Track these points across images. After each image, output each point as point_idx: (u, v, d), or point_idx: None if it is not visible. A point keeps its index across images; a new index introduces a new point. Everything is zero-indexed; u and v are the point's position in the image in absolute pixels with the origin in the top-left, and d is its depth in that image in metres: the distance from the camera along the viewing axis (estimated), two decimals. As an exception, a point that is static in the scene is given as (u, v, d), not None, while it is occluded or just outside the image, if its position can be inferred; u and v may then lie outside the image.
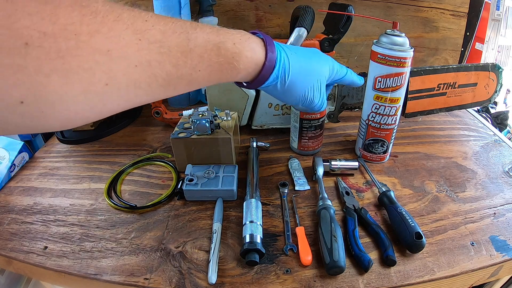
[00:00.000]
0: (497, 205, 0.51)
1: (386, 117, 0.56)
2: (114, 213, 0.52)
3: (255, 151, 0.62)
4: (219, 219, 0.48)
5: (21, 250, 0.46)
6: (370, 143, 0.60)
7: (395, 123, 0.57)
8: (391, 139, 0.59)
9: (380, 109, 0.56)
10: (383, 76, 0.53)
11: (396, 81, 0.53)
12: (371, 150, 0.60)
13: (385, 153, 0.61)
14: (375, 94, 0.55)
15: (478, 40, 1.38)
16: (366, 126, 0.59)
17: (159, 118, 0.74)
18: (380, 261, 0.42)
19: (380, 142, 0.59)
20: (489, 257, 0.43)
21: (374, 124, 0.58)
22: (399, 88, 0.53)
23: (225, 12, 0.85)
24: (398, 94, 0.54)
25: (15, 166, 0.63)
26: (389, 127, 0.57)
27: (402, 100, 0.55)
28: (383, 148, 0.60)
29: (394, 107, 0.55)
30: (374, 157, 0.61)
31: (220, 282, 0.40)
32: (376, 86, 0.54)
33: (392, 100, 0.54)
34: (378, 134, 0.58)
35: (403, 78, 0.52)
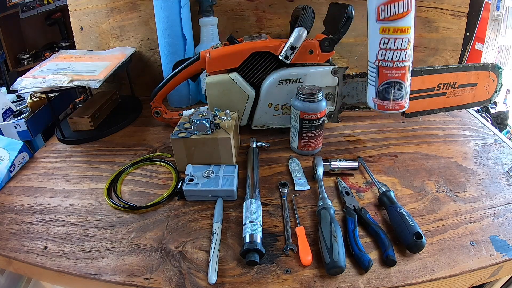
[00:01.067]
0: (497, 205, 0.51)
1: (398, 52, 0.50)
2: (114, 213, 0.52)
3: (255, 151, 0.62)
4: (219, 219, 0.48)
5: (21, 250, 0.46)
6: (384, 89, 0.52)
7: (409, 59, 0.51)
8: (407, 80, 0.52)
9: (389, 43, 0.49)
10: (386, 2, 0.47)
11: (402, 6, 0.46)
12: (387, 96, 0.53)
13: (403, 99, 0.53)
14: (381, 26, 0.49)
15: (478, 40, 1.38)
16: (377, 68, 0.52)
17: (159, 118, 0.74)
18: (380, 261, 0.42)
19: (397, 84, 0.52)
20: (489, 257, 0.42)
21: (385, 63, 0.51)
22: (407, 14, 0.47)
23: (225, 12, 0.85)
24: (407, 22, 0.48)
25: (15, 166, 0.63)
26: (403, 65, 0.51)
27: (412, 30, 0.49)
28: (401, 92, 0.52)
29: (406, 39, 0.49)
30: (392, 105, 0.53)
31: (220, 282, 0.40)
32: (380, 17, 0.48)
33: (401, 30, 0.48)
34: (393, 75, 0.51)
35: (409, 2, 0.47)
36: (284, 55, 0.62)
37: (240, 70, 0.66)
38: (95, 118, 0.76)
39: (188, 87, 0.84)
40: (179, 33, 0.78)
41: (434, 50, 0.90)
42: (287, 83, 0.65)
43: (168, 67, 0.81)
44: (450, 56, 0.90)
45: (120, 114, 0.83)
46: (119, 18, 0.87)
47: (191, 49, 0.81)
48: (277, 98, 0.67)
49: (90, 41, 0.91)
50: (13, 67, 1.77)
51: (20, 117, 0.77)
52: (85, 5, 0.87)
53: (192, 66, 0.67)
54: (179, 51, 0.80)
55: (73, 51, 0.86)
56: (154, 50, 0.89)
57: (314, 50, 0.63)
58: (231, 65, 0.65)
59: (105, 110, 0.82)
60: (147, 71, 0.92)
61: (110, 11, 0.86)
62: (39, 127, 0.80)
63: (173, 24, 0.77)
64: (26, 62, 1.79)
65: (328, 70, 0.65)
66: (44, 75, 0.68)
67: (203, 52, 0.66)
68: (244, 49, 0.64)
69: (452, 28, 0.87)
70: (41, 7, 1.70)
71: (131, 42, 0.89)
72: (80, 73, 0.70)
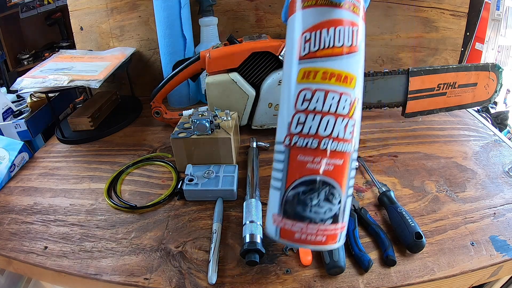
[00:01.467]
0: (497, 205, 0.51)
1: (332, 119, 0.27)
2: (114, 213, 0.52)
3: (255, 151, 0.62)
4: (219, 219, 0.48)
5: (21, 250, 0.46)
6: (297, 195, 0.27)
7: (352, 139, 0.28)
8: (347, 182, 0.28)
9: (314, 100, 0.27)
10: (315, 27, 0.27)
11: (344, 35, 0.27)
12: (303, 212, 0.27)
13: (336, 222, 0.28)
14: (301, 69, 0.27)
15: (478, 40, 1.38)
16: (287, 153, 0.28)
17: (159, 118, 0.74)
18: (380, 261, 0.42)
19: (325, 188, 0.27)
20: (489, 257, 0.42)
21: (304, 141, 0.27)
22: (352, 51, 0.27)
23: (225, 12, 0.85)
24: (350, 65, 0.27)
25: (15, 166, 0.63)
26: (341, 147, 0.27)
27: (360, 83, 0.28)
28: (331, 206, 0.27)
29: (347, 96, 0.27)
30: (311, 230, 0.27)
31: (220, 282, 0.40)
32: (301, 52, 0.27)
33: (339, 78, 0.27)
34: (316, 166, 0.27)
35: (357, 32, 0.27)
36: (284, 55, 0.62)
37: (240, 70, 0.66)
38: (95, 118, 0.76)
39: (188, 87, 0.84)
40: (179, 33, 0.78)
41: (434, 50, 0.90)
42: (287, 83, 0.65)
43: (168, 67, 0.81)
44: (450, 56, 0.90)
45: (120, 114, 0.83)
46: (119, 18, 0.87)
47: (191, 49, 0.81)
48: (277, 98, 0.67)
49: (90, 41, 0.91)
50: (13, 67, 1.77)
51: (20, 117, 0.77)
52: (85, 5, 0.87)
53: (192, 66, 0.67)
54: (179, 51, 0.80)
55: (73, 51, 0.86)
56: (154, 50, 0.89)
57: (314, 50, 0.63)
58: (231, 65, 0.65)
59: (105, 110, 0.82)
60: (147, 71, 0.92)
61: (110, 11, 0.86)
62: (39, 127, 0.80)
63: (173, 24, 0.77)
64: (26, 62, 1.79)
65: (328, 70, 0.65)
66: (44, 75, 0.68)
67: (203, 52, 0.66)
68: (244, 49, 0.64)
69: (452, 28, 0.87)
70: (41, 7, 1.69)
71: (131, 42, 0.89)
72: (80, 73, 0.70)
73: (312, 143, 0.27)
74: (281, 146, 0.28)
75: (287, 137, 0.28)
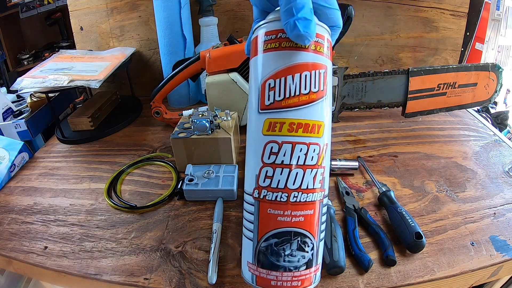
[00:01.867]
0: (497, 205, 0.51)
1: (300, 172, 0.26)
2: (114, 213, 0.52)
3: (255, 151, 0.62)
4: (219, 219, 0.48)
5: (21, 250, 0.46)
6: (270, 246, 0.27)
7: (322, 186, 0.28)
8: (318, 228, 0.28)
9: (281, 153, 0.26)
10: (279, 73, 0.26)
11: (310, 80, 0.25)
12: (276, 261, 0.27)
13: (309, 266, 0.28)
14: (267, 120, 0.26)
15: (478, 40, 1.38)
16: (257, 205, 0.28)
17: (159, 118, 0.74)
18: (380, 261, 0.42)
19: (295, 238, 0.27)
20: (489, 257, 0.42)
21: (272, 195, 0.27)
22: (320, 96, 0.26)
23: (225, 12, 0.85)
24: (317, 113, 0.26)
25: (15, 166, 0.63)
26: (310, 198, 0.27)
27: (328, 128, 0.27)
28: (304, 254, 0.28)
29: (315, 146, 0.26)
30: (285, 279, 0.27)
31: (220, 282, 0.40)
32: (265, 102, 0.26)
33: (306, 129, 0.26)
34: (286, 219, 0.27)
35: (324, 75, 0.26)
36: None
37: (240, 70, 0.66)
38: (95, 118, 0.76)
39: (188, 87, 0.84)
40: (179, 33, 0.78)
41: (434, 50, 0.90)
42: (287, 83, 0.65)
43: (168, 67, 0.81)
44: (450, 56, 0.90)
45: (120, 114, 0.83)
46: (119, 18, 0.87)
47: (191, 49, 0.81)
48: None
49: (90, 41, 0.91)
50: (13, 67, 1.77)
51: (20, 117, 0.77)
52: (85, 5, 0.87)
53: (192, 66, 0.67)
54: (179, 51, 0.80)
55: (73, 51, 0.86)
56: (154, 50, 0.89)
57: (314, 50, 0.63)
58: (231, 65, 0.65)
59: (105, 110, 0.82)
60: (147, 71, 0.93)
61: (110, 11, 0.86)
62: (39, 127, 0.80)
63: (173, 24, 0.77)
64: (26, 62, 1.79)
65: (328, 70, 0.65)
66: (44, 75, 0.68)
67: (203, 52, 0.66)
68: (244, 49, 0.64)
69: (452, 28, 0.87)
70: (41, 7, 1.70)
71: (131, 42, 0.89)
72: (80, 73, 0.70)
73: (281, 197, 0.26)
74: (250, 198, 0.29)
75: (256, 190, 0.28)
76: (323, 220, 0.28)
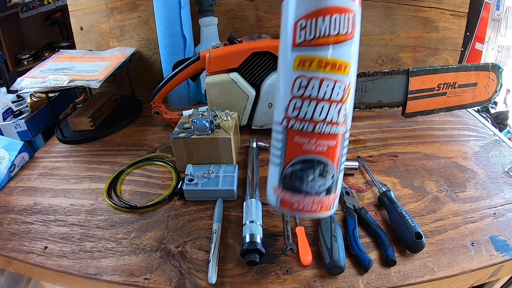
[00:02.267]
0: (497, 205, 0.51)
1: (326, 105, 0.28)
2: (114, 213, 0.52)
3: (255, 151, 0.62)
4: (219, 219, 0.48)
5: (21, 250, 0.46)
6: (295, 171, 0.30)
7: (345, 121, 0.29)
8: (339, 159, 0.30)
9: (310, 87, 0.27)
10: (311, 14, 0.26)
11: (339, 23, 0.26)
12: (300, 186, 0.30)
13: (329, 193, 0.30)
14: (297, 57, 0.28)
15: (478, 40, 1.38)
16: (285, 134, 0.30)
17: (159, 118, 0.74)
18: (380, 261, 0.42)
19: (319, 166, 0.29)
20: (489, 257, 0.42)
21: (300, 125, 0.29)
22: (348, 38, 0.27)
23: (225, 12, 0.85)
24: (344, 53, 0.27)
25: (15, 166, 0.63)
26: (333, 130, 0.29)
27: (354, 68, 0.28)
28: (325, 181, 0.30)
29: (341, 83, 0.28)
30: (307, 202, 0.30)
31: (220, 282, 0.40)
32: (296, 40, 0.27)
33: (333, 66, 0.27)
34: (311, 147, 0.29)
35: (352, 20, 0.27)
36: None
37: (240, 70, 0.66)
38: (95, 118, 0.76)
39: (188, 87, 0.84)
40: (179, 33, 0.78)
41: (434, 50, 0.90)
42: (287, 83, 0.65)
43: (168, 67, 0.81)
44: (450, 56, 0.90)
45: (120, 114, 0.83)
46: (119, 18, 0.87)
47: (191, 49, 0.81)
48: (277, 98, 0.67)
49: (90, 41, 0.91)
50: (13, 67, 1.77)
51: (20, 117, 0.77)
52: (85, 5, 0.87)
53: (192, 66, 0.67)
54: (179, 51, 0.80)
55: (73, 51, 0.86)
56: (154, 50, 0.89)
57: (314, 50, 0.63)
58: (231, 65, 0.65)
59: (105, 110, 0.82)
60: (147, 71, 0.92)
61: (110, 11, 0.86)
62: (39, 127, 0.80)
63: (173, 24, 0.77)
64: (26, 62, 1.79)
65: (328, 70, 0.65)
66: (44, 75, 0.68)
67: (203, 52, 0.66)
68: (244, 49, 0.64)
69: (452, 28, 0.87)
70: (41, 7, 1.70)
71: (131, 42, 0.89)
72: (80, 73, 0.70)
73: (307, 127, 0.28)
74: (279, 127, 0.30)
75: (285, 119, 0.29)
76: (344, 153, 0.31)
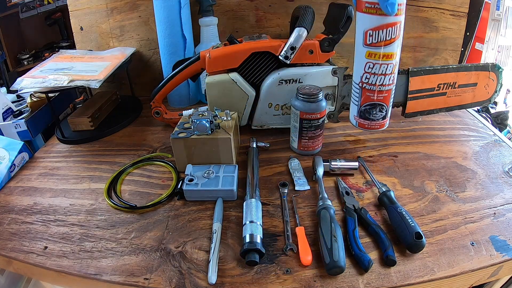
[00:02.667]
0: (497, 205, 0.51)
1: (383, 77, 0.51)
2: (114, 213, 0.52)
3: (255, 151, 0.62)
4: (219, 219, 0.48)
5: (21, 250, 0.46)
6: (366, 109, 0.54)
7: (393, 83, 0.52)
8: (389, 102, 0.54)
9: (374, 68, 0.50)
10: (374, 28, 0.47)
11: (390, 33, 0.47)
12: (369, 116, 0.55)
13: (384, 119, 0.55)
14: (367, 51, 0.49)
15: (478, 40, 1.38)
16: (360, 90, 0.53)
17: (159, 118, 0.74)
18: (380, 261, 0.42)
19: (378, 106, 0.53)
20: (489, 257, 0.42)
21: (369, 86, 0.52)
22: (394, 40, 0.48)
23: (225, 12, 0.85)
24: (393, 49, 0.49)
25: (15, 166, 0.63)
26: (386, 88, 0.52)
27: (398, 55, 0.50)
28: (382, 113, 0.54)
29: (391, 64, 0.50)
30: (372, 124, 0.56)
31: (220, 282, 0.40)
32: (367, 41, 0.49)
33: (387, 56, 0.49)
34: (375, 97, 0.53)
35: (398, 28, 0.47)
36: (284, 55, 0.62)
37: (240, 70, 0.66)
38: (95, 118, 0.76)
39: (188, 87, 0.84)
40: (179, 33, 0.78)
41: (434, 50, 0.90)
42: (287, 83, 0.65)
43: (168, 67, 0.81)
44: (450, 56, 0.90)
45: (120, 114, 0.83)
46: (119, 18, 0.87)
47: (191, 49, 0.81)
48: (277, 98, 0.67)
49: (90, 41, 0.91)
50: (13, 67, 1.77)
51: (20, 117, 0.77)
52: (85, 5, 0.87)
53: (192, 66, 0.67)
54: (179, 51, 0.80)
55: (73, 51, 0.86)
56: (154, 50, 0.89)
57: (314, 50, 0.63)
58: (231, 65, 0.65)
59: (105, 110, 0.82)
60: (147, 71, 0.92)
61: (110, 11, 0.86)
62: (39, 127, 0.80)
63: (173, 24, 0.77)
64: (26, 62, 1.79)
65: (328, 70, 0.65)
66: (44, 75, 0.68)
67: (203, 52, 0.66)
68: (244, 49, 0.64)
69: (452, 28, 0.87)
70: (41, 7, 1.70)
71: (131, 42, 0.89)
72: (80, 73, 0.70)
73: (373, 87, 0.53)
74: (357, 85, 0.55)
75: (360, 82, 0.54)
76: (392, 98, 0.55)
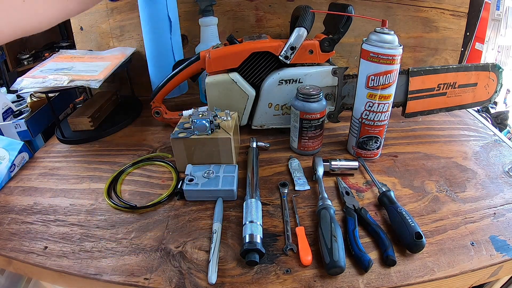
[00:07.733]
0: (497, 205, 0.51)
1: (380, 114, 0.58)
2: (114, 213, 0.52)
3: (255, 151, 0.62)
4: (219, 219, 0.48)
5: (21, 250, 0.46)
6: (364, 141, 0.61)
7: (387, 119, 0.59)
8: (383, 134, 0.61)
9: (373, 106, 0.57)
10: (376, 74, 0.54)
11: (388, 79, 0.54)
12: (365, 147, 0.62)
13: (378, 149, 0.62)
14: (368, 93, 0.56)
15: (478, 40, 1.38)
16: (360, 124, 0.60)
17: (159, 118, 0.74)
18: (380, 261, 0.42)
19: (374, 138, 0.60)
20: (489, 257, 0.42)
21: (367, 122, 0.59)
22: (391, 85, 0.55)
23: (225, 12, 0.85)
24: (389, 91, 0.56)
25: (15, 166, 0.63)
26: (382, 123, 0.59)
27: (393, 96, 0.57)
28: (377, 144, 0.61)
29: (387, 104, 0.57)
30: (368, 153, 0.62)
31: (220, 282, 0.40)
32: (369, 84, 0.56)
33: (384, 97, 0.56)
34: (372, 131, 0.60)
35: (394, 75, 0.55)
36: (284, 55, 0.62)
37: (240, 70, 0.66)
38: (95, 118, 0.76)
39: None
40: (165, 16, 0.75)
41: (434, 50, 0.90)
42: (287, 83, 0.65)
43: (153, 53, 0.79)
44: (450, 56, 0.90)
45: (120, 114, 0.83)
46: (119, 18, 0.87)
47: (177, 30, 0.79)
48: (277, 98, 0.67)
49: (90, 41, 0.91)
50: (13, 67, 1.77)
51: (20, 117, 0.77)
52: (85, 5, 0.86)
53: (192, 66, 0.68)
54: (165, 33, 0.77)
55: (73, 51, 0.86)
56: (154, 50, 0.89)
57: (314, 50, 0.63)
58: (231, 65, 0.65)
59: (105, 110, 0.82)
60: (147, 71, 0.92)
61: (110, 11, 0.86)
62: (39, 127, 0.80)
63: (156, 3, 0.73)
64: (26, 62, 1.79)
65: (328, 70, 0.65)
66: (44, 75, 0.68)
67: (203, 52, 0.66)
68: (244, 49, 0.64)
69: (452, 28, 0.87)
70: (41, 7, 1.69)
71: (131, 42, 0.89)
72: (80, 73, 0.70)
73: (371, 123, 0.59)
74: (357, 120, 0.61)
75: (360, 118, 0.60)
76: (385, 131, 0.61)
